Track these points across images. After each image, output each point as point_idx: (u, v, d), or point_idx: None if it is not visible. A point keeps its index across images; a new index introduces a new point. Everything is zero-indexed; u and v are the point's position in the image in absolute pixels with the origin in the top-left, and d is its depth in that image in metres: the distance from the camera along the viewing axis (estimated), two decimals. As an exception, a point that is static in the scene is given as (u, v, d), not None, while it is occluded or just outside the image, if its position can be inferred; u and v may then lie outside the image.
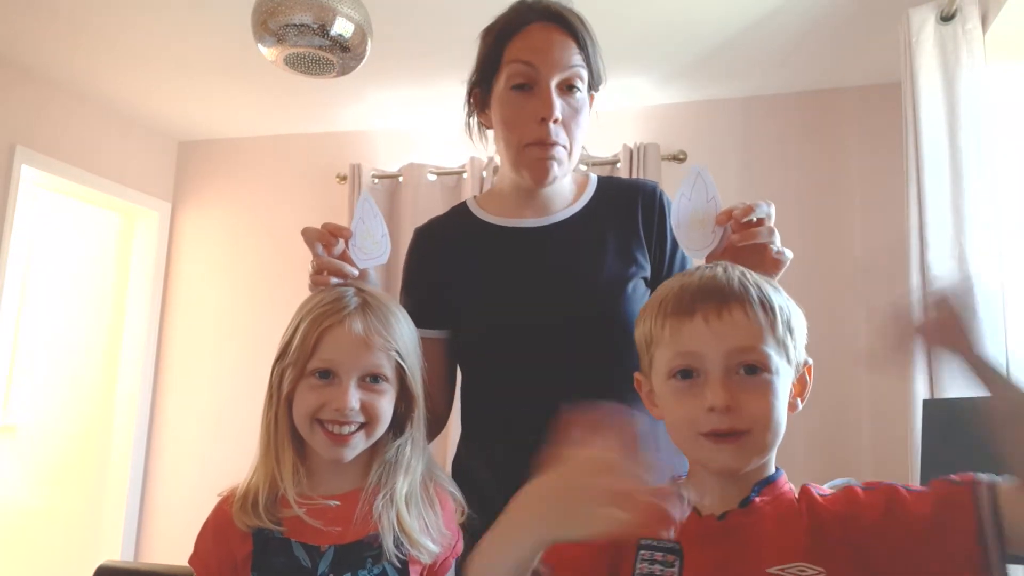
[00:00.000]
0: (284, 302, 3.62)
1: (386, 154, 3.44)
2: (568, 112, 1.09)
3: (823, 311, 2.89)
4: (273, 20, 1.88)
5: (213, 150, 3.75)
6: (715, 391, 0.73)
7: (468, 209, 1.23)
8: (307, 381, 0.92)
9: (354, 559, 0.90)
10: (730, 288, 0.77)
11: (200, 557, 0.94)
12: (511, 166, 1.13)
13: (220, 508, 0.95)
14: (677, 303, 0.78)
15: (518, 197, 1.17)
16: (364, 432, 0.92)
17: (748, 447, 0.75)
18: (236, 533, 0.91)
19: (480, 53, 1.15)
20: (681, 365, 0.77)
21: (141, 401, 3.51)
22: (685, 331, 0.76)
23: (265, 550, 0.90)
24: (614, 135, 3.11)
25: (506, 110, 1.10)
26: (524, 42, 1.08)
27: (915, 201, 2.14)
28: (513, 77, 1.08)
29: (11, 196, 2.92)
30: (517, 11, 1.11)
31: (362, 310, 0.93)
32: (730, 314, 0.75)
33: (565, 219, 1.16)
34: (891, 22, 2.33)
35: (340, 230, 1.01)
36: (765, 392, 0.75)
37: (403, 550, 0.91)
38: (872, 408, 2.78)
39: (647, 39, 2.66)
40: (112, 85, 3.15)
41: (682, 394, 0.77)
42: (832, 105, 2.99)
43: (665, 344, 0.78)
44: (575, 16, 1.11)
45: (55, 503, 3.50)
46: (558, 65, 1.07)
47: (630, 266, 1.11)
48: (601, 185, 1.21)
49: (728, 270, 0.80)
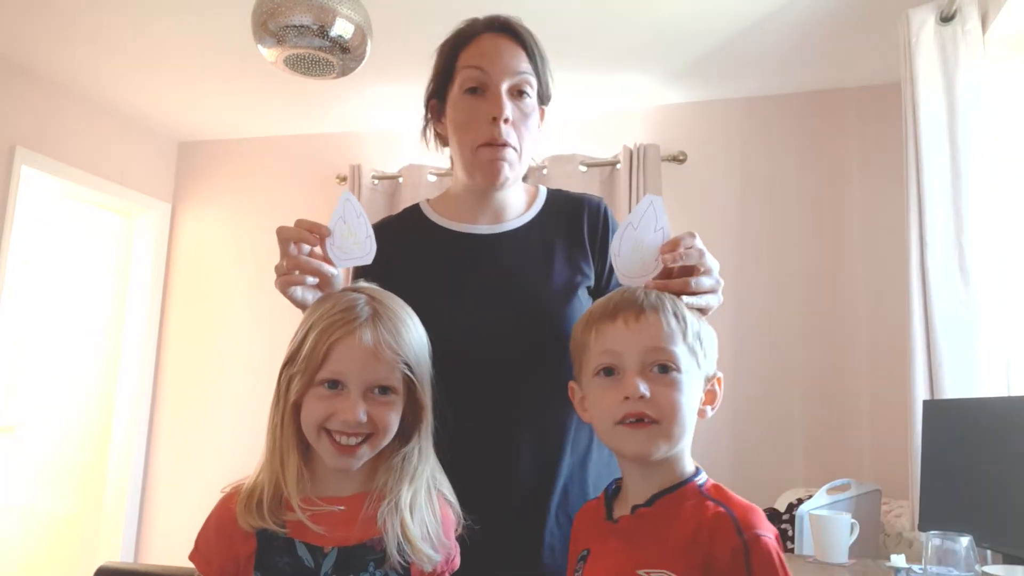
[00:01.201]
0: (284, 303, 3.62)
1: (386, 155, 3.44)
2: (518, 115, 1.14)
3: (823, 311, 2.90)
4: (273, 21, 1.88)
5: (213, 150, 3.75)
6: (630, 382, 0.85)
7: (421, 211, 1.25)
8: (315, 390, 0.92)
9: (357, 562, 0.90)
10: (648, 300, 0.90)
11: (201, 554, 0.94)
12: (464, 169, 1.17)
13: (224, 506, 0.94)
14: (603, 311, 0.91)
15: (472, 202, 1.20)
16: (369, 443, 0.92)
17: (656, 435, 0.85)
18: (239, 531, 0.91)
19: (435, 65, 1.21)
20: (604, 363, 0.88)
21: (141, 401, 3.52)
22: (608, 332, 0.89)
23: (269, 549, 0.90)
24: (614, 136, 3.11)
25: (459, 114, 1.15)
26: (476, 49, 1.15)
27: (915, 201, 2.14)
28: (466, 82, 1.14)
29: (11, 197, 2.92)
30: (470, 24, 1.18)
31: (373, 320, 0.93)
32: (646, 318, 0.88)
33: (517, 227, 1.20)
34: (891, 22, 2.33)
35: (317, 227, 1.01)
36: (674, 388, 0.86)
37: (406, 557, 0.91)
38: (872, 408, 2.78)
39: (647, 40, 2.66)
40: (112, 86, 3.15)
41: (604, 389, 0.88)
42: (832, 105, 2.99)
43: (591, 346, 0.90)
44: (525, 30, 1.17)
45: (55, 504, 3.50)
46: (508, 70, 1.13)
47: (576, 274, 1.16)
48: (550, 197, 1.26)
49: (649, 292, 0.92)
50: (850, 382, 2.82)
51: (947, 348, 2.04)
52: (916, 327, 2.10)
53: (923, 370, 2.08)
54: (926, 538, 1.36)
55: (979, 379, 2.01)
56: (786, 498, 2.49)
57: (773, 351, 2.90)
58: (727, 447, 2.86)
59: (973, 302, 2.04)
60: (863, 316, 2.84)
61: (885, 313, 2.77)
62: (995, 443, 1.73)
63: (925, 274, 2.10)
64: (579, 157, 3.09)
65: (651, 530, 0.85)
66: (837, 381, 2.84)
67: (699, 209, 3.06)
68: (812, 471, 2.77)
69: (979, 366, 2.01)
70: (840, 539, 1.75)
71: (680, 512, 0.84)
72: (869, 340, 2.82)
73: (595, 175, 3.11)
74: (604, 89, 3.04)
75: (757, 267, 2.94)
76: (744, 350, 2.90)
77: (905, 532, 2.25)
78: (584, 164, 3.10)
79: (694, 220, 3.03)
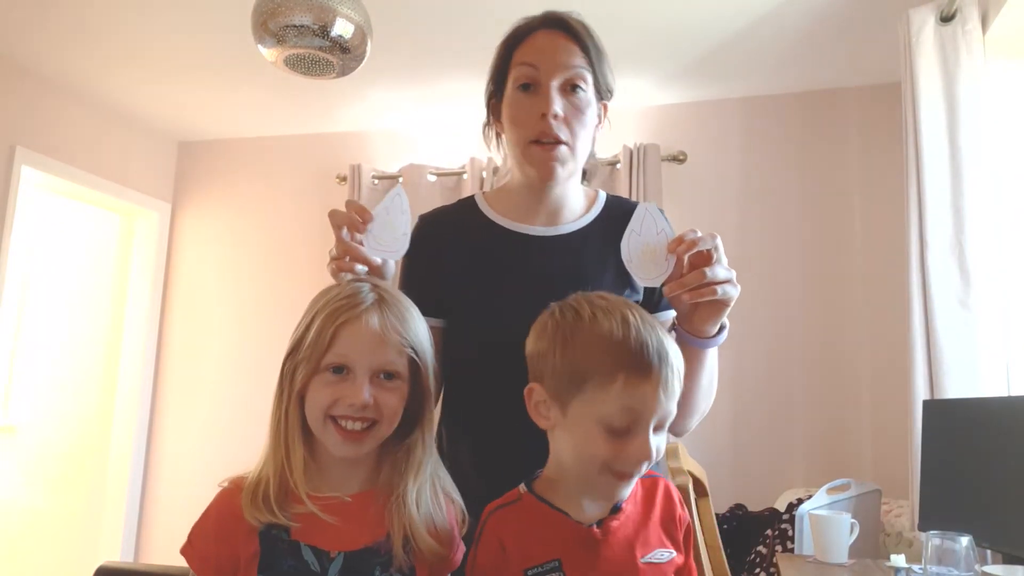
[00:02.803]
0: (284, 302, 3.65)
1: (386, 155, 3.44)
2: (570, 110, 1.13)
3: (823, 311, 2.90)
4: (273, 21, 1.88)
5: (213, 150, 3.75)
6: (646, 445, 0.85)
7: (476, 205, 1.24)
8: (321, 377, 0.91)
9: (363, 567, 0.89)
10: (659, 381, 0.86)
11: (197, 551, 0.90)
12: (518, 164, 1.17)
13: (225, 501, 0.91)
14: (637, 369, 0.85)
15: (528, 199, 1.20)
16: (373, 431, 0.91)
17: None
18: (242, 529, 0.88)
19: (493, 64, 1.21)
20: (622, 421, 0.85)
21: (141, 401, 3.52)
22: (641, 390, 0.85)
23: (273, 551, 0.88)
24: (614, 135, 3.11)
25: (511, 110, 1.16)
26: (529, 46, 1.15)
27: (915, 201, 2.14)
28: (519, 79, 1.14)
29: (11, 197, 2.92)
30: (525, 21, 1.18)
31: (379, 306, 0.92)
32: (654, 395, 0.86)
33: (572, 232, 1.19)
34: (891, 22, 2.33)
35: (364, 212, 1.02)
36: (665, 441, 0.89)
37: (410, 556, 0.90)
38: (872, 408, 2.78)
39: (647, 40, 2.66)
40: (112, 86, 3.15)
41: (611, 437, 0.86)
42: (832, 105, 2.99)
43: (615, 397, 0.85)
44: (580, 24, 1.17)
45: (55, 503, 3.50)
46: (560, 66, 1.12)
47: (625, 289, 1.15)
48: (608, 203, 1.26)
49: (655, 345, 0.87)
50: (850, 382, 2.82)
51: (947, 348, 2.04)
52: (916, 327, 2.10)
53: (923, 370, 2.08)
54: (926, 538, 1.36)
55: (979, 379, 2.01)
56: (786, 498, 2.49)
57: (773, 351, 2.90)
58: (727, 447, 2.86)
59: (973, 302, 2.04)
60: (863, 316, 2.84)
61: (885, 313, 2.77)
62: (995, 443, 1.73)
63: (925, 274, 2.09)
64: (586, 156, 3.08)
65: (629, 525, 0.90)
66: (837, 381, 2.84)
67: (699, 209, 3.06)
68: (812, 471, 2.77)
69: (979, 366, 2.01)
70: (840, 539, 1.75)
71: (639, 500, 0.93)
72: (869, 340, 2.82)
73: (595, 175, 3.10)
74: (604, 89, 3.04)
75: (757, 267, 2.94)
76: (744, 350, 2.90)
77: (905, 532, 2.25)
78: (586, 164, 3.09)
79: (694, 220, 3.01)
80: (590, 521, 0.89)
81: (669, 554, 0.91)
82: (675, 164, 3.07)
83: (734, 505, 2.60)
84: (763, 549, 2.25)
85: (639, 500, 0.93)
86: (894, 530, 2.29)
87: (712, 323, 1.06)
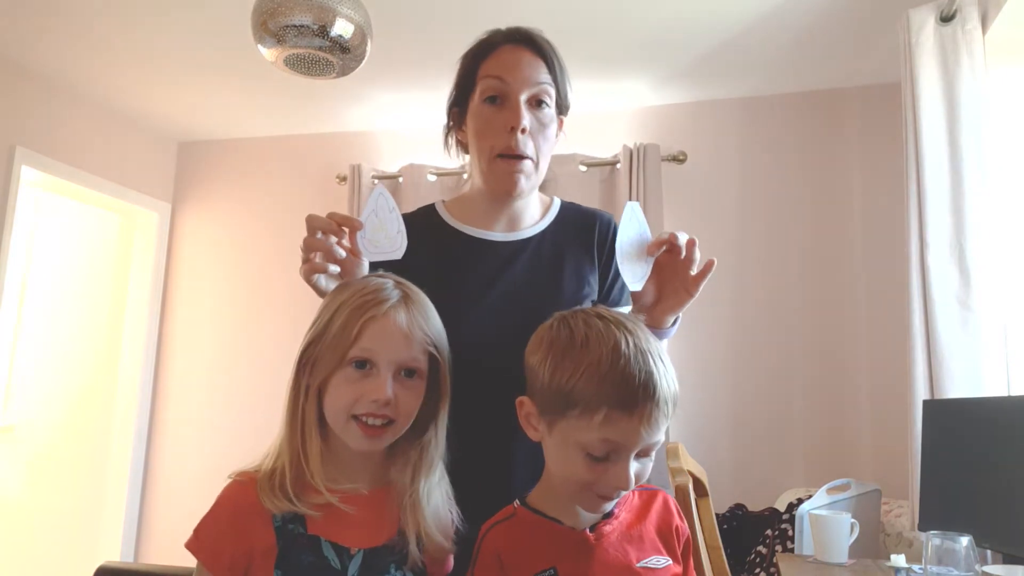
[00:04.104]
0: (284, 302, 3.65)
1: (386, 155, 3.44)
2: (536, 125, 1.16)
3: (823, 311, 2.90)
4: (273, 21, 1.88)
5: (213, 150, 3.75)
6: (624, 474, 0.85)
7: (436, 212, 1.27)
8: (342, 373, 0.90)
9: (380, 564, 0.89)
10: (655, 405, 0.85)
11: (206, 544, 0.88)
12: (482, 176, 1.19)
13: (239, 493, 0.89)
14: (619, 405, 0.83)
15: (488, 207, 1.22)
16: (391, 427, 0.91)
17: None
18: (259, 521, 0.86)
19: (458, 74, 1.23)
20: (601, 451, 0.85)
21: (141, 401, 3.52)
22: (622, 425, 0.83)
23: (292, 546, 0.86)
24: (614, 136, 3.12)
25: (478, 122, 1.18)
26: (496, 60, 1.17)
27: (915, 201, 2.14)
28: (486, 91, 1.16)
29: (11, 197, 2.92)
30: (491, 35, 1.21)
31: (404, 302, 0.93)
32: (647, 426, 0.84)
33: (530, 236, 1.22)
34: (891, 23, 2.33)
35: (348, 221, 1.01)
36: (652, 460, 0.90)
37: (422, 552, 0.90)
38: (872, 408, 2.78)
39: (647, 40, 2.66)
40: (112, 86, 3.15)
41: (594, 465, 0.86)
42: (832, 105, 2.99)
43: (596, 429, 0.83)
44: (544, 41, 1.19)
45: (55, 503, 3.49)
46: (527, 81, 1.15)
47: (583, 287, 1.19)
48: (563, 208, 1.29)
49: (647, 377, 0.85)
50: (850, 382, 2.82)
51: (947, 348, 2.04)
52: (916, 327, 2.10)
53: (923, 370, 2.08)
54: (926, 538, 1.36)
55: (979, 379, 2.01)
56: (786, 498, 2.49)
57: (773, 351, 2.90)
58: (727, 447, 2.86)
59: (973, 302, 2.04)
60: (863, 316, 2.84)
61: (885, 313, 2.77)
62: (995, 443, 1.73)
63: (925, 274, 2.09)
64: (579, 157, 3.09)
65: (623, 529, 0.92)
66: (837, 381, 2.84)
67: (699, 209, 3.06)
68: (812, 471, 2.77)
69: (979, 366, 2.01)
70: (840, 539, 1.75)
71: (632, 506, 0.94)
72: (869, 340, 2.82)
73: (595, 175, 3.11)
74: (604, 89, 3.04)
75: (757, 267, 2.94)
76: (744, 350, 2.90)
77: (905, 532, 2.25)
78: (584, 164, 3.09)
79: (694, 220, 3.03)
80: (583, 527, 0.90)
81: (665, 561, 0.92)
82: (675, 164, 3.07)
83: (734, 505, 2.60)
84: (763, 549, 2.25)
85: (634, 507, 0.95)
86: (894, 530, 2.29)
87: (672, 314, 1.13)
